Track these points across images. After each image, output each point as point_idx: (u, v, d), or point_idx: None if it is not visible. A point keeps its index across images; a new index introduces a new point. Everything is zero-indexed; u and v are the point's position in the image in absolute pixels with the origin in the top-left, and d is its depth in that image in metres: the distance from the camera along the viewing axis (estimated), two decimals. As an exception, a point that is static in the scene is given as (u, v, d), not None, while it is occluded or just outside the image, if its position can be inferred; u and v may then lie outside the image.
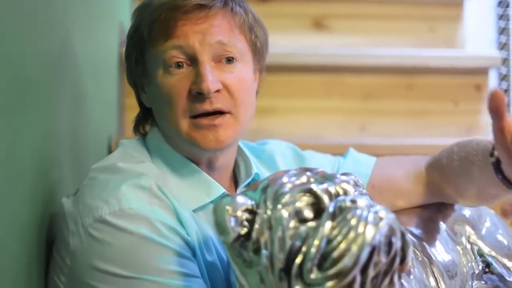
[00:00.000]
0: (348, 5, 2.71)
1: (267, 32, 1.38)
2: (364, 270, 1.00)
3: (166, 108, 1.29)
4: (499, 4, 3.08)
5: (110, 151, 2.01)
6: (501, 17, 3.08)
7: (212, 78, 1.25)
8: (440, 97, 2.48)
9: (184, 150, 1.32)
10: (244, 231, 1.06)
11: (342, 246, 0.99)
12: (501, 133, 1.15)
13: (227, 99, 1.28)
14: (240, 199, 1.06)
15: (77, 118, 1.60)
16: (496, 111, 1.13)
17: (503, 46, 3.04)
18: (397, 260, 1.02)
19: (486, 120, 2.50)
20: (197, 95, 1.26)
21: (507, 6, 3.03)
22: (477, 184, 1.34)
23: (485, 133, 2.48)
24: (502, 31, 3.07)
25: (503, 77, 3.03)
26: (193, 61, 1.27)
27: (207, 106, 1.26)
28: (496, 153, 1.26)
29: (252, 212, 1.06)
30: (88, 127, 1.73)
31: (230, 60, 1.29)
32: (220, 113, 1.28)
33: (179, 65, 1.27)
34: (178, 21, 1.27)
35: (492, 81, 2.82)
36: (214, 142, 1.27)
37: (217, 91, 1.26)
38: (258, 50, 1.34)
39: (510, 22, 3.03)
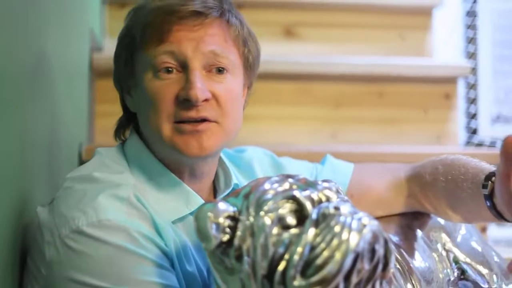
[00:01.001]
0: (319, 13, 2.71)
1: (260, 48, 1.37)
2: (347, 277, 1.00)
3: (150, 112, 1.27)
4: (467, 14, 3.11)
5: (81, 158, 1.99)
6: (469, 27, 3.12)
7: (201, 86, 1.24)
8: (410, 105, 2.50)
9: (166, 157, 1.30)
10: (226, 237, 1.05)
11: (326, 253, 0.99)
12: (508, 179, 1.16)
13: (214, 109, 1.26)
14: (222, 205, 1.06)
15: (49, 125, 1.58)
16: (508, 157, 1.14)
17: (471, 56, 3.08)
18: (380, 267, 1.03)
19: (454, 128, 2.53)
20: (184, 101, 1.24)
21: (475, 16, 3.06)
22: (465, 208, 1.35)
23: (453, 141, 2.51)
24: (470, 40, 3.11)
25: (471, 86, 3.06)
26: (184, 67, 1.26)
27: (193, 114, 1.24)
28: (489, 186, 1.28)
29: (234, 218, 1.06)
30: (59, 134, 1.71)
31: (221, 70, 1.27)
32: (205, 120, 1.26)
33: (168, 70, 1.26)
34: (173, 26, 1.26)
35: (461, 90, 2.85)
36: (197, 149, 1.25)
37: (206, 100, 1.25)
38: (249, 64, 1.33)
39: (478, 32, 3.07)
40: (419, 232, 1.43)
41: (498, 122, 3.20)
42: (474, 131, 3.17)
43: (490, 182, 1.29)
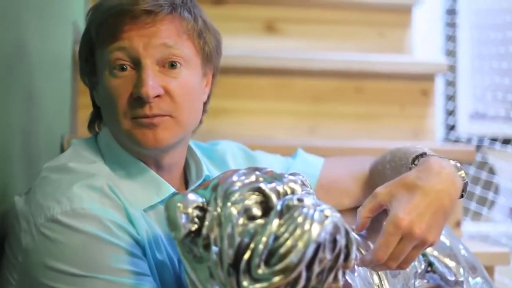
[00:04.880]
0: (300, 9, 2.73)
1: (220, 38, 1.39)
2: (309, 266, 1.03)
3: (109, 109, 1.31)
4: (447, 12, 3.14)
5: (62, 149, 2.01)
6: (448, 24, 3.15)
7: (152, 83, 1.27)
8: (387, 101, 2.53)
9: (131, 149, 1.33)
10: (194, 227, 1.09)
11: (289, 243, 1.02)
12: None
13: (168, 104, 1.29)
14: (191, 196, 1.09)
15: (29, 116, 1.60)
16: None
17: (450, 53, 3.11)
18: (342, 257, 1.06)
19: (431, 124, 2.56)
20: (138, 99, 1.27)
21: (455, 14, 3.10)
22: None
23: (430, 137, 2.54)
24: (450, 38, 3.14)
25: (450, 83, 3.10)
26: (137, 64, 1.28)
27: (146, 111, 1.27)
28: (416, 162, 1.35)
29: (202, 209, 1.09)
30: (40, 125, 1.73)
31: (174, 65, 1.30)
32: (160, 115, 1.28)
33: (123, 68, 1.29)
34: (125, 25, 1.28)
35: (439, 87, 2.88)
36: (153, 141, 1.28)
37: (158, 96, 1.28)
38: (206, 55, 1.35)
39: (457, 30, 3.10)
40: (386, 225, 1.46)
41: (476, 119, 3.24)
42: (452, 127, 3.21)
43: (414, 164, 1.36)
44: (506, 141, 2.79)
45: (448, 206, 1.29)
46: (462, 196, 1.35)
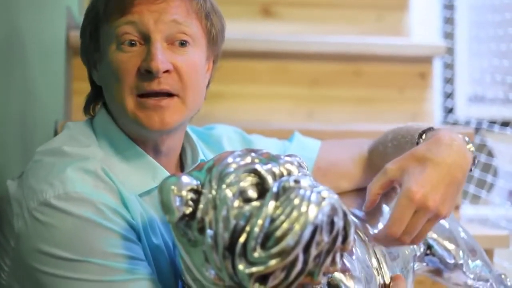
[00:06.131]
0: (296, -7, 2.73)
1: (224, 23, 1.38)
2: (306, 249, 1.02)
3: (114, 85, 1.28)
4: (445, -6, 3.13)
5: (56, 135, 2.00)
6: (446, 7, 3.13)
7: (162, 57, 1.25)
8: (386, 85, 2.52)
9: (131, 131, 1.32)
10: (189, 210, 1.07)
11: (285, 225, 1.01)
12: None
13: (176, 81, 1.28)
14: (186, 179, 1.07)
15: (23, 102, 1.59)
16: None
17: (448, 35, 3.09)
18: (339, 239, 1.04)
19: (430, 107, 2.55)
20: (146, 73, 1.26)
21: (452, -4, 3.09)
22: None
23: (429, 120, 2.53)
24: (448, 20, 3.12)
25: (448, 66, 3.08)
26: (146, 39, 1.27)
27: (154, 86, 1.26)
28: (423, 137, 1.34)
29: (197, 192, 1.08)
30: (34, 111, 1.72)
31: (183, 43, 1.28)
32: (167, 95, 1.27)
33: (132, 43, 1.27)
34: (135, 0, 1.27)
35: (437, 70, 2.87)
36: (159, 123, 1.27)
37: (167, 71, 1.26)
38: (212, 37, 1.34)
39: (455, 12, 3.09)
40: (385, 208, 1.45)
41: (474, 102, 3.22)
42: (450, 110, 3.20)
43: (421, 139, 1.35)
44: (504, 124, 2.78)
45: (461, 178, 1.30)
46: (471, 170, 1.35)
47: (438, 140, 1.31)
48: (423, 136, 1.36)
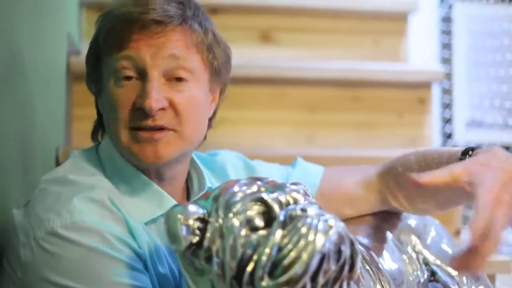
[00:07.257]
0: (295, 18, 2.73)
1: (230, 53, 1.37)
2: (314, 278, 1.01)
3: (110, 117, 1.29)
4: (443, 20, 3.14)
5: (57, 161, 2.00)
6: (444, 32, 3.15)
7: (157, 95, 1.25)
8: (385, 110, 2.52)
9: (130, 160, 1.31)
10: (195, 239, 1.07)
11: (293, 254, 1.01)
12: None
13: (171, 117, 1.27)
14: (192, 208, 1.07)
15: (24, 127, 1.59)
16: None
17: (446, 61, 3.11)
18: (346, 267, 1.04)
19: (429, 132, 2.55)
20: (140, 110, 1.25)
21: (451, 22, 3.10)
22: (441, 192, 1.34)
23: (428, 145, 2.53)
24: (445, 46, 3.14)
25: (446, 91, 3.09)
26: (143, 75, 1.26)
27: (149, 122, 1.25)
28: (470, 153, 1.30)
29: (203, 220, 1.07)
30: (35, 137, 1.71)
31: (180, 79, 1.27)
32: (162, 128, 1.26)
33: (127, 78, 1.27)
34: (133, 34, 1.27)
35: (435, 95, 2.88)
36: (153, 156, 1.26)
37: (162, 109, 1.26)
38: (215, 70, 1.33)
39: (453, 38, 3.10)
40: (389, 234, 1.45)
41: (472, 127, 3.23)
42: (449, 136, 3.21)
43: (467, 155, 1.30)
44: (504, 149, 2.78)
45: None
46: None
47: (496, 154, 1.26)
48: (470, 153, 1.31)
